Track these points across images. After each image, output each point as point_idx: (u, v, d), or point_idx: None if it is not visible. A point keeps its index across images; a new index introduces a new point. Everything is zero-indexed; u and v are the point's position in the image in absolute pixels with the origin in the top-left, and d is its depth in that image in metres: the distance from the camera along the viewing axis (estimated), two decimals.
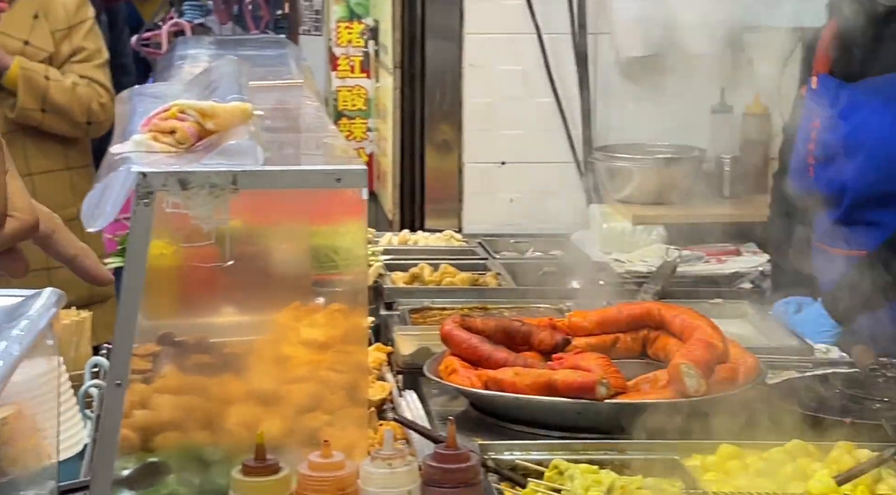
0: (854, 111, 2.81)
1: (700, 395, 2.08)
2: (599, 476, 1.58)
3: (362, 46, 4.71)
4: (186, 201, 1.49)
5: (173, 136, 1.59)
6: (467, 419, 2.25)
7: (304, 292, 1.95)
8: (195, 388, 1.96)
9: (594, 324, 2.43)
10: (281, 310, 1.94)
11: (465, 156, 4.19)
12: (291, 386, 1.99)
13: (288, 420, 1.96)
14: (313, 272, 1.97)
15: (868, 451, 1.88)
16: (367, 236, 3.36)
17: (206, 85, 1.99)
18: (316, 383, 2.01)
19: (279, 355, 2.00)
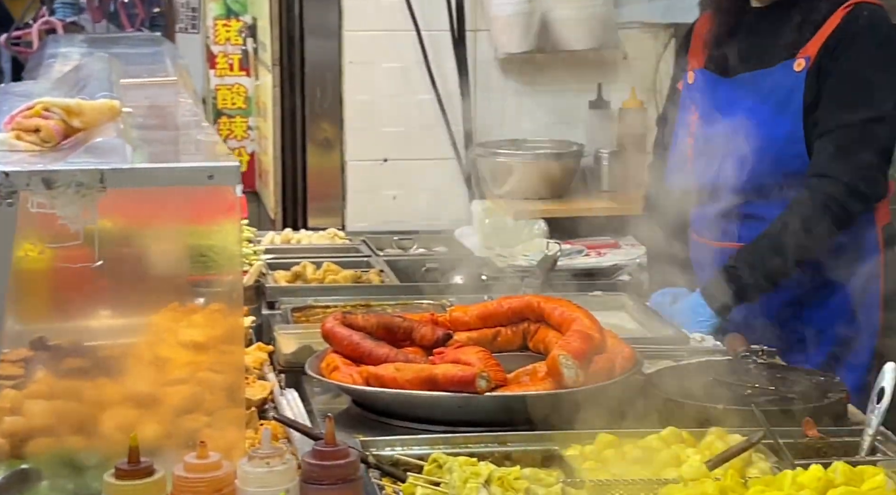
0: (731, 105, 2.86)
1: (578, 386, 2.11)
2: (478, 468, 1.59)
3: (241, 44, 4.66)
4: (52, 201, 1.46)
5: (37, 135, 1.55)
6: (350, 416, 2.25)
7: (181, 293, 1.92)
8: (70, 393, 1.92)
9: (475, 319, 2.45)
10: (158, 312, 1.91)
11: (347, 154, 4.17)
12: (169, 388, 1.96)
13: (166, 422, 1.93)
14: (190, 272, 1.94)
15: (739, 436, 1.93)
16: (242, 235, 3.34)
17: (74, 83, 1.95)
18: (195, 384, 1.99)
19: (157, 357, 1.98)
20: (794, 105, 2.78)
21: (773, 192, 2.80)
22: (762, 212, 2.83)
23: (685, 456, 1.88)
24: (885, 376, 1.97)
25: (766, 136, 2.77)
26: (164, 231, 1.90)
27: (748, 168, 2.79)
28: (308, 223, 4.15)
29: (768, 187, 2.81)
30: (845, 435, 2.01)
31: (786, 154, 2.79)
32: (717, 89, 2.90)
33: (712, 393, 2.15)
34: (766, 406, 2.05)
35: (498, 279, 3.28)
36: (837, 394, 2.12)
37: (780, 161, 2.78)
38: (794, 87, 2.78)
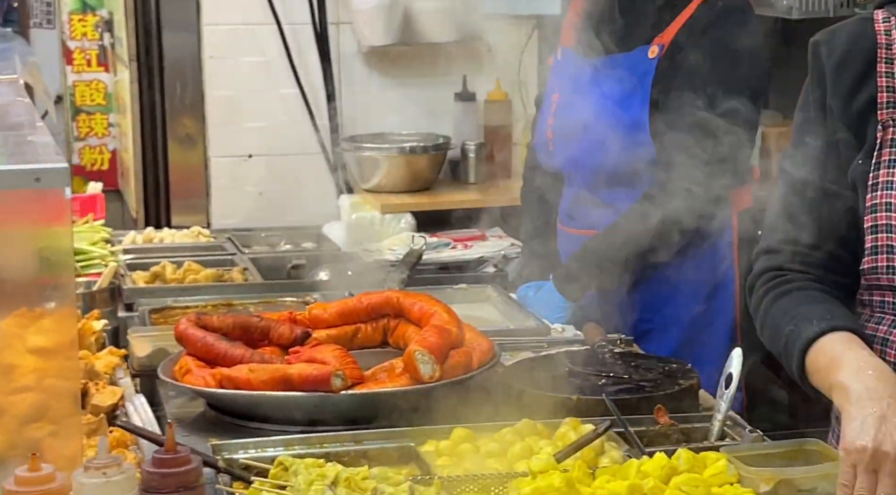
0: (592, 87, 2.84)
1: (435, 381, 2.10)
2: (325, 469, 1.57)
3: (97, 39, 4.54)
4: None
5: None
6: (206, 420, 2.20)
7: (28, 297, 1.85)
8: None
9: (334, 316, 2.42)
10: (6, 318, 1.84)
11: (210, 150, 4.10)
12: (14, 397, 1.89)
13: (10, 432, 1.86)
14: (35, 276, 1.87)
15: (592, 426, 1.94)
16: (98, 236, 3.25)
17: None
18: (40, 392, 1.92)
19: (2, 364, 1.90)
20: (643, 92, 2.78)
21: (624, 180, 2.80)
22: (614, 199, 2.83)
23: (538, 448, 1.88)
24: (732, 362, 2.00)
25: (616, 122, 2.78)
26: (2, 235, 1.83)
27: (603, 153, 2.80)
28: (172, 221, 4.07)
29: (620, 174, 2.81)
30: (696, 421, 2.04)
31: (633, 141, 2.80)
32: (579, 70, 2.88)
33: (567, 384, 2.16)
34: (618, 395, 2.07)
35: (364, 274, 3.26)
36: (689, 381, 2.15)
37: (628, 148, 2.79)
38: (646, 74, 2.78)
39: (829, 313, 1.87)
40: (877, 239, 1.88)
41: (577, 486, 1.61)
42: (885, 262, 1.87)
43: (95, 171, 4.68)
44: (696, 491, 1.56)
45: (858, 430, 1.63)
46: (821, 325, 1.84)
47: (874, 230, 1.88)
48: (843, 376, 1.74)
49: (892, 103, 1.90)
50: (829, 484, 1.62)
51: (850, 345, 1.80)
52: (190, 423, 2.18)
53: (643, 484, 1.58)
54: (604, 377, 2.19)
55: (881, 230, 1.87)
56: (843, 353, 1.78)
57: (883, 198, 1.87)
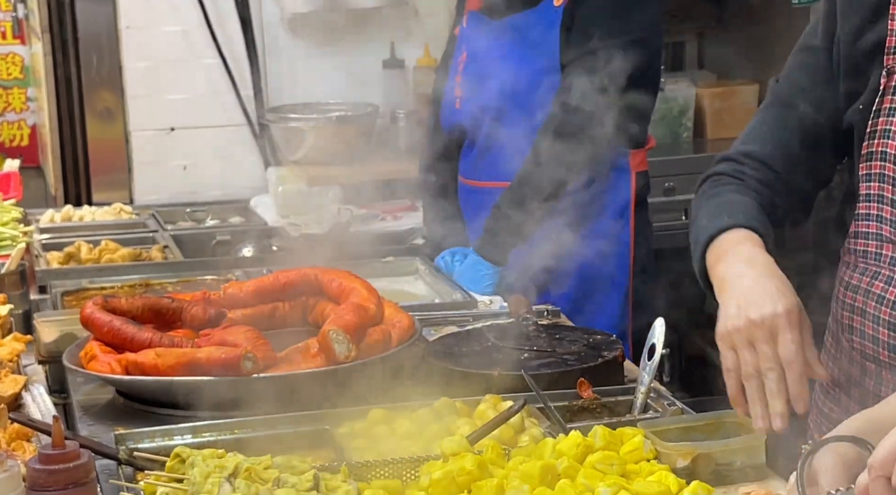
0: (501, 41, 2.89)
1: (350, 361, 2.03)
2: (224, 460, 1.49)
3: (11, 10, 4.38)
4: None
5: None
6: (115, 408, 2.12)
7: None
8: None
9: (251, 295, 2.33)
10: None
11: (130, 124, 3.98)
12: None
13: None
14: None
15: (512, 403, 1.88)
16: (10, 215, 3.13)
17: None
18: None
19: None
20: (551, 39, 2.82)
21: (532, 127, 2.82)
22: (523, 148, 2.83)
23: (456, 428, 1.82)
24: (654, 332, 1.94)
25: (524, 74, 2.81)
26: None
27: (507, 107, 2.80)
28: (93, 198, 3.95)
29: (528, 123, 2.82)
30: (619, 394, 1.99)
31: (542, 88, 2.81)
32: (485, 31, 2.94)
33: (489, 359, 2.10)
34: (539, 369, 2.01)
35: (290, 250, 3.18)
36: (612, 353, 2.10)
37: (537, 96, 2.81)
38: (552, 22, 2.82)
39: (741, 213, 1.84)
40: (870, 187, 1.81)
41: (491, 468, 1.55)
42: (875, 211, 1.81)
43: (15, 148, 4.54)
44: (611, 470, 1.51)
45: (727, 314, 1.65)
46: (725, 222, 1.81)
47: (868, 178, 1.81)
48: (722, 267, 1.74)
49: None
50: (747, 456, 1.57)
51: (742, 240, 1.78)
52: (98, 412, 2.09)
53: (557, 465, 1.52)
54: (526, 351, 2.13)
55: (874, 179, 1.80)
56: (732, 247, 1.76)
57: (879, 147, 1.79)
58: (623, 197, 2.93)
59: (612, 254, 2.91)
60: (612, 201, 2.91)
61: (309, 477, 1.49)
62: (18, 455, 1.81)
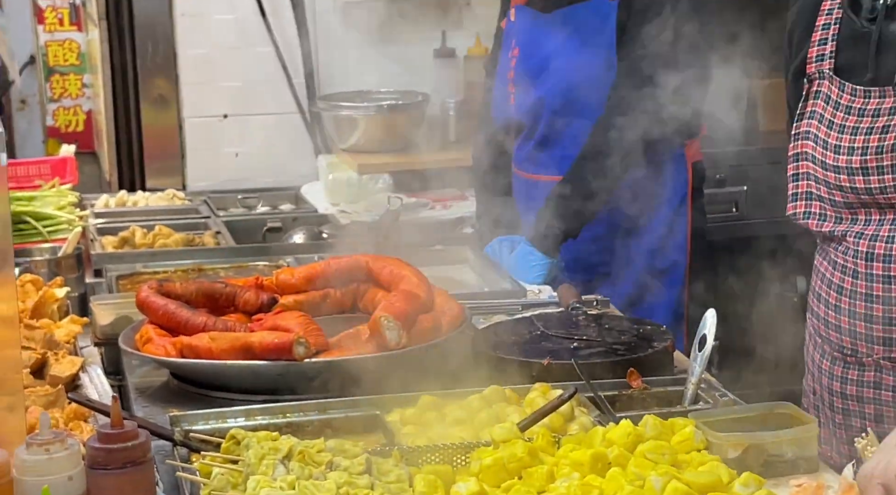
0: (548, 40, 2.87)
1: (401, 348, 2.04)
2: (278, 443, 1.51)
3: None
4: None
5: None
6: (169, 390, 2.15)
7: None
8: None
9: (302, 281, 2.36)
10: None
11: (184, 111, 4.02)
12: None
13: None
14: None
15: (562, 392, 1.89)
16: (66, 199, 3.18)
17: None
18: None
19: None
20: (607, 32, 2.81)
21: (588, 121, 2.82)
22: (579, 142, 2.83)
23: (505, 415, 1.83)
24: (705, 323, 1.94)
25: (579, 67, 2.80)
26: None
27: (561, 99, 2.80)
28: (146, 184, 4.00)
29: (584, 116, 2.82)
30: (669, 384, 1.98)
31: (598, 81, 2.80)
32: (535, 25, 2.92)
33: (538, 348, 2.11)
34: (589, 358, 2.01)
35: (340, 236, 3.20)
36: (662, 343, 2.09)
37: (593, 91, 2.80)
38: (607, 15, 2.81)
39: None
40: (797, 186, 2.00)
41: (541, 455, 1.56)
42: (803, 209, 1.99)
43: (71, 133, 4.60)
44: (662, 459, 1.51)
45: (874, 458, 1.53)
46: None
47: (795, 178, 2.00)
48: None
49: (820, 57, 1.96)
50: (799, 448, 1.57)
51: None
52: (152, 393, 2.13)
53: (608, 453, 1.53)
54: (576, 340, 2.13)
55: (801, 178, 1.99)
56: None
57: (802, 148, 1.98)
58: (680, 188, 2.92)
59: (669, 246, 2.91)
60: (670, 192, 2.90)
61: (361, 460, 1.51)
62: (76, 434, 1.85)
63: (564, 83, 2.82)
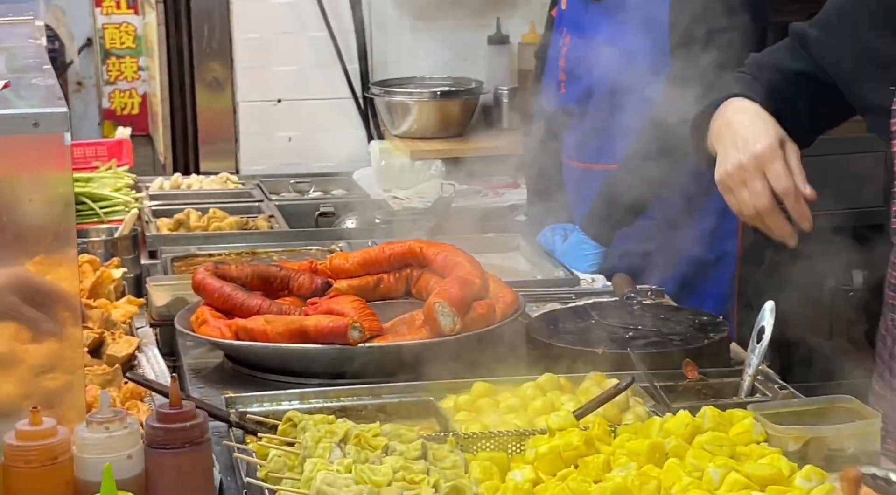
0: (599, 27, 2.86)
1: (455, 334, 2.04)
2: (334, 426, 1.52)
3: None
4: None
5: None
6: (223, 371, 2.16)
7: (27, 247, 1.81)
8: None
9: (356, 266, 2.36)
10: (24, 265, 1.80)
11: (238, 95, 4.04)
12: (27, 347, 1.86)
13: (25, 383, 1.83)
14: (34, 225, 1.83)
15: (617, 381, 1.88)
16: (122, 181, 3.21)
17: None
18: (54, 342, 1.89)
19: None
20: (659, 20, 2.79)
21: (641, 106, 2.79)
22: (632, 131, 2.81)
23: (559, 404, 1.82)
24: (764, 315, 1.92)
25: (632, 56, 2.78)
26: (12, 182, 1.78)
27: (615, 88, 2.79)
28: (200, 167, 4.02)
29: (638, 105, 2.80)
30: (726, 375, 1.97)
31: (651, 70, 2.78)
32: (586, 12, 2.91)
33: (592, 337, 2.10)
34: (646, 348, 2.00)
35: (392, 222, 3.20)
36: (719, 335, 2.07)
37: (646, 78, 2.78)
38: (659, 3, 2.80)
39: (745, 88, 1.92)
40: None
41: (597, 444, 1.55)
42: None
43: (126, 116, 4.65)
44: (720, 451, 1.49)
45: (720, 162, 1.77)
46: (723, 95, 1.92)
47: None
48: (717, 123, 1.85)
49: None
50: (860, 443, 1.55)
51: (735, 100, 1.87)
52: (206, 375, 2.14)
53: (665, 443, 1.51)
54: (631, 330, 2.12)
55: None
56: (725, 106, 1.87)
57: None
58: None
59: (721, 236, 2.89)
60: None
61: (417, 445, 1.51)
62: (132, 413, 1.86)
63: (616, 71, 2.80)
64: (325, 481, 1.37)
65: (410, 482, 1.41)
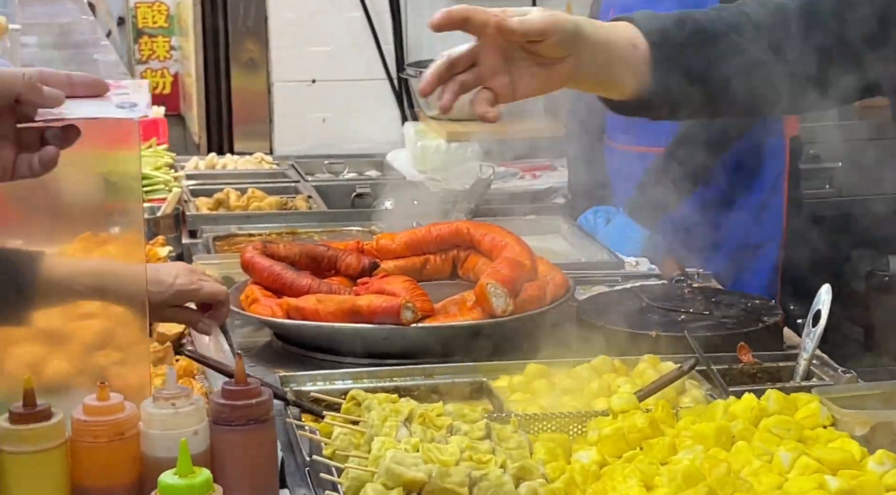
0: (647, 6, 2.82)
1: (507, 315, 2.04)
2: (399, 405, 1.51)
3: None
4: None
5: None
6: (272, 350, 2.16)
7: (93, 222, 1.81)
8: None
9: (403, 246, 2.36)
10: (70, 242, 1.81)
11: (273, 75, 4.03)
12: (79, 323, 1.87)
13: (76, 359, 1.84)
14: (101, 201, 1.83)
15: (672, 364, 1.87)
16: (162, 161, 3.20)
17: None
18: (105, 319, 1.89)
19: None
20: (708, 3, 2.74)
21: None
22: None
23: (616, 386, 1.81)
24: (820, 299, 1.91)
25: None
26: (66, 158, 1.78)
27: None
28: (234, 147, 4.02)
29: None
30: (780, 359, 1.96)
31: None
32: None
33: (645, 320, 2.09)
34: (699, 332, 1.99)
35: (430, 204, 3.19)
36: (773, 318, 2.06)
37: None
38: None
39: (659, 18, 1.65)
40: None
41: (661, 427, 1.54)
42: None
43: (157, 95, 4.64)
44: (787, 435, 1.48)
45: None
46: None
47: None
48: None
49: None
50: None
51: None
52: (256, 353, 2.14)
53: (731, 426, 1.51)
54: (683, 313, 2.11)
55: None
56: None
57: None
58: (777, 163, 2.90)
59: (765, 221, 2.88)
60: (767, 167, 2.88)
61: (481, 426, 1.50)
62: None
63: None
64: (394, 459, 1.37)
65: (478, 462, 1.40)
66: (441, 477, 1.37)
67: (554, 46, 1.57)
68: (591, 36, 1.59)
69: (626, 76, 1.62)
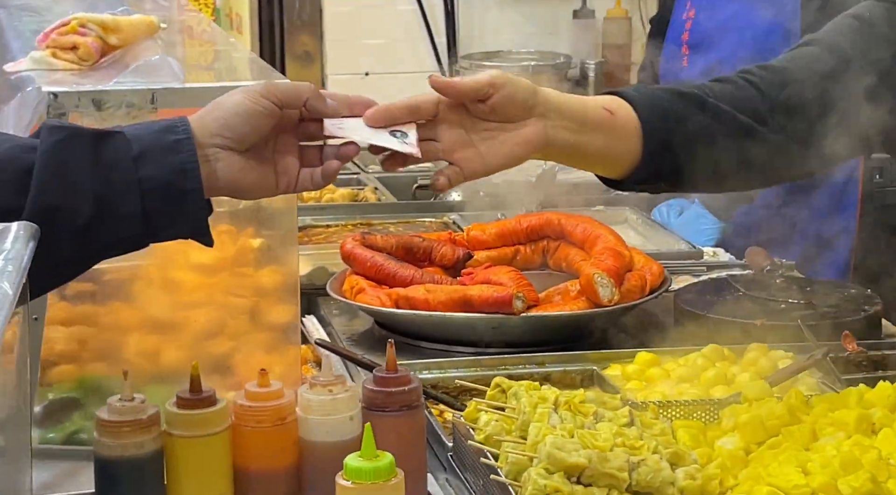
0: (729, 4, 2.85)
1: (613, 304, 2.07)
2: (544, 392, 1.55)
3: None
4: (102, 123, 1.37)
5: (75, 53, 1.45)
6: (374, 339, 2.19)
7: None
8: (84, 318, 1.86)
9: (493, 237, 2.39)
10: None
11: (327, 68, 4.06)
12: (189, 312, 1.90)
13: (189, 347, 1.88)
14: None
15: (782, 352, 1.91)
16: None
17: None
18: (216, 308, 1.93)
19: (169, 280, 1.91)
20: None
21: None
22: None
23: (731, 374, 1.85)
24: None
25: (760, 34, 2.79)
26: None
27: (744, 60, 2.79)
28: None
29: None
30: (883, 348, 2.00)
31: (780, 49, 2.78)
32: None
33: (744, 309, 2.13)
34: (807, 320, 2.03)
35: (497, 196, 3.22)
36: (874, 307, 2.10)
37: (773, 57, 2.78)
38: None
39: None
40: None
41: (798, 414, 1.58)
42: None
43: None
44: None
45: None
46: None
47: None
48: None
49: None
50: None
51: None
52: (358, 342, 2.17)
53: (871, 414, 1.54)
54: (782, 302, 2.15)
55: None
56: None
57: None
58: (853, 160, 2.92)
59: (839, 213, 2.91)
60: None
61: (624, 412, 1.54)
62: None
63: (744, 48, 2.81)
64: (554, 445, 1.40)
65: (630, 447, 1.44)
66: (601, 463, 1.40)
67: (509, 101, 1.52)
68: (554, 99, 1.56)
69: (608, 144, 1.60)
